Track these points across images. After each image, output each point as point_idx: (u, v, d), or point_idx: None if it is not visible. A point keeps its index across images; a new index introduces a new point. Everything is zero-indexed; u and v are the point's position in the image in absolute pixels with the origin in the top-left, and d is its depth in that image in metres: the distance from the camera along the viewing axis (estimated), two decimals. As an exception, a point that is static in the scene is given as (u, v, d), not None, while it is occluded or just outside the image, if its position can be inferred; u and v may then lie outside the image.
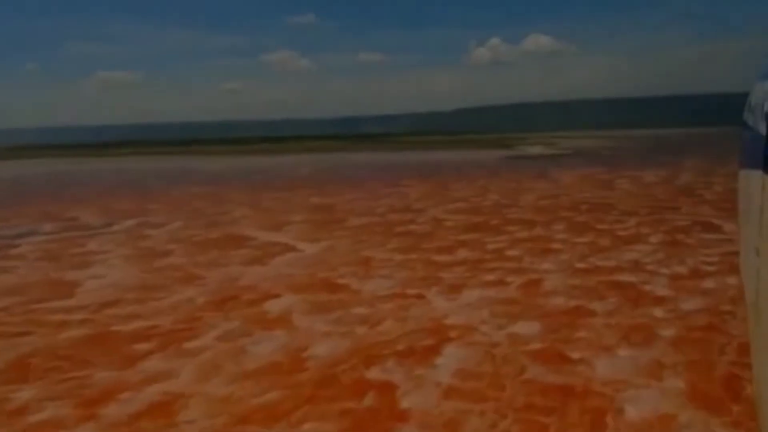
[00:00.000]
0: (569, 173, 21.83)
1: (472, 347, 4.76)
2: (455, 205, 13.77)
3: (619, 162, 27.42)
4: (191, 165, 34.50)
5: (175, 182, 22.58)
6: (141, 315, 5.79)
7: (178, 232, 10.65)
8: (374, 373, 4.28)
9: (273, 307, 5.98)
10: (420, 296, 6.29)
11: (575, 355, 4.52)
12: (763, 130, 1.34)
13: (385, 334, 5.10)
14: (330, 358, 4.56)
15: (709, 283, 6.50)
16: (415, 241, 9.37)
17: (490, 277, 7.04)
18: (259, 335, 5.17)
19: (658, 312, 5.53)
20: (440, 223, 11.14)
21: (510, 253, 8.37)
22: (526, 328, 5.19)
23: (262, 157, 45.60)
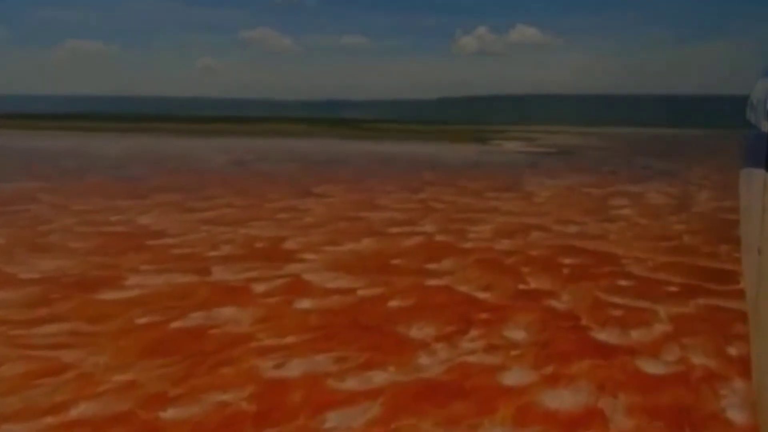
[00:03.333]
0: (549, 183, 16.50)
1: None
2: (358, 245, 8.31)
3: (611, 169, 22.18)
4: (95, 145, 28.43)
5: (20, 173, 16.75)
6: None
7: None
8: None
9: None
10: None
11: None
12: (765, 127, 1.29)
13: None
14: None
15: None
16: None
17: None
18: None
19: None
20: (286, 307, 5.66)
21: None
22: None
23: (203, 138, 39.58)
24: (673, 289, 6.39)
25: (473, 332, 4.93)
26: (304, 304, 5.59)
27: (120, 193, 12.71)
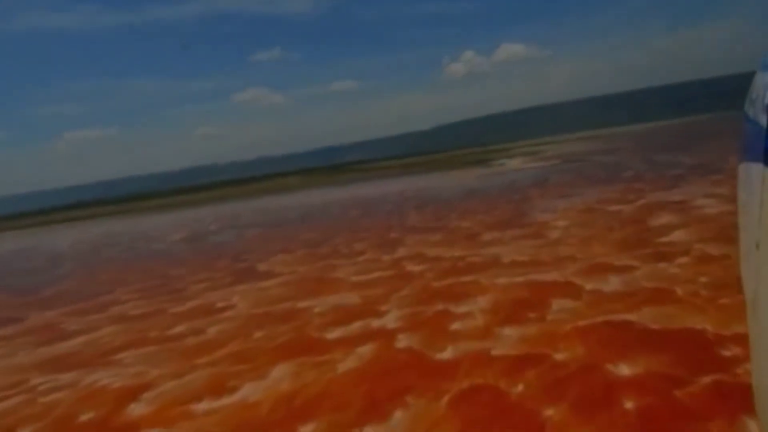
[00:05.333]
0: (563, 206, 13.04)
1: None
2: (257, 387, 4.89)
3: (633, 173, 18.65)
4: (51, 240, 25.60)
5: None
6: None
7: None
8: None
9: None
10: None
11: None
12: (763, 122, 1.30)
13: None
14: None
15: None
16: None
17: None
18: None
19: None
20: None
21: None
22: None
23: (186, 209, 36.79)
24: None
25: None
26: None
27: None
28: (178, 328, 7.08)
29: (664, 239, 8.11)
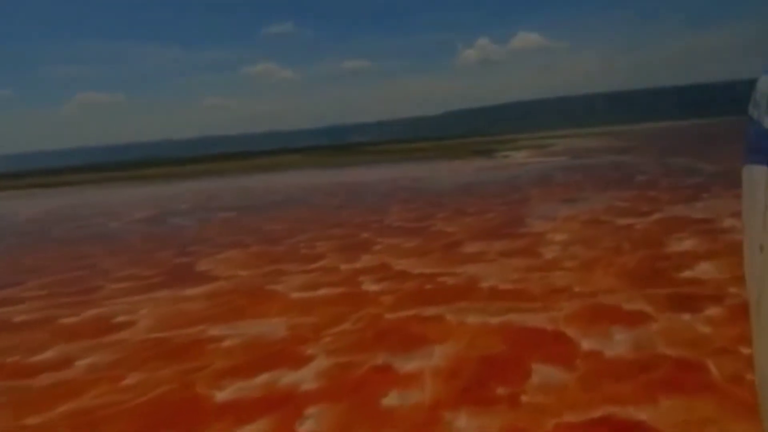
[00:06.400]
0: (565, 213, 11.31)
1: None
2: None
3: (647, 178, 16.85)
4: (16, 207, 24.05)
5: None
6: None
7: None
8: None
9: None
10: None
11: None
12: (767, 124, 1.35)
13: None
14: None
15: None
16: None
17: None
18: None
19: None
20: None
21: None
22: None
23: (162, 183, 35.21)
24: None
25: None
26: None
27: None
28: (46, 354, 5.43)
29: (688, 274, 6.38)
